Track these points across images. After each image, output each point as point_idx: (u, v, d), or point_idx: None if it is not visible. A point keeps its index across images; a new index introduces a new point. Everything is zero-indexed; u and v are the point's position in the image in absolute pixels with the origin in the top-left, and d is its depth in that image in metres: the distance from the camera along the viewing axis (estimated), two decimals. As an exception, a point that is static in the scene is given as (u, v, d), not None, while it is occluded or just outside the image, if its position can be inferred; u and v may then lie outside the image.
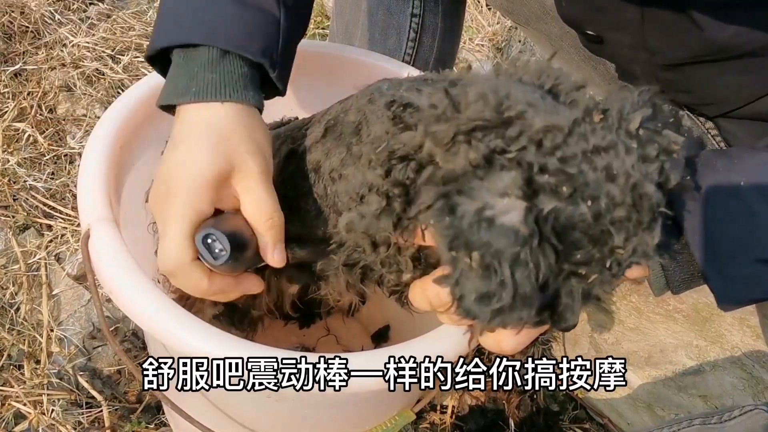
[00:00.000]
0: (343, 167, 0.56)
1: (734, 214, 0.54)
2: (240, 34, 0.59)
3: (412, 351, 0.58)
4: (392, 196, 0.47)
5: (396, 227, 0.48)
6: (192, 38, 0.58)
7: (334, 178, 0.58)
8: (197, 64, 0.58)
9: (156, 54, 0.61)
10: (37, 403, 0.94)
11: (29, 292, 1.07)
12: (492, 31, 1.86)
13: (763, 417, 0.61)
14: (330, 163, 0.58)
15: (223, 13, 0.60)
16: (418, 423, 1.01)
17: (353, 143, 0.55)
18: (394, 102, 0.51)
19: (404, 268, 0.56)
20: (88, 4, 1.70)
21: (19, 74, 1.45)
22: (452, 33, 1.08)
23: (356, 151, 0.54)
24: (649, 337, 1.06)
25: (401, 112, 0.49)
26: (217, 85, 0.57)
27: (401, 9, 1.01)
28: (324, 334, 1.05)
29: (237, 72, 0.58)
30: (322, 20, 1.81)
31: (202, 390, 0.56)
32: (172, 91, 0.58)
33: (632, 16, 0.77)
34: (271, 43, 0.62)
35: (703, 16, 0.71)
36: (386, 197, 0.47)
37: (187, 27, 0.59)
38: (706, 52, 0.76)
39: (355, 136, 0.55)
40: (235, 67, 0.59)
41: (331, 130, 0.60)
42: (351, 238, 0.56)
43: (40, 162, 1.28)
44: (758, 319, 0.99)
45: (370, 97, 0.55)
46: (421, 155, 0.45)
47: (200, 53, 0.58)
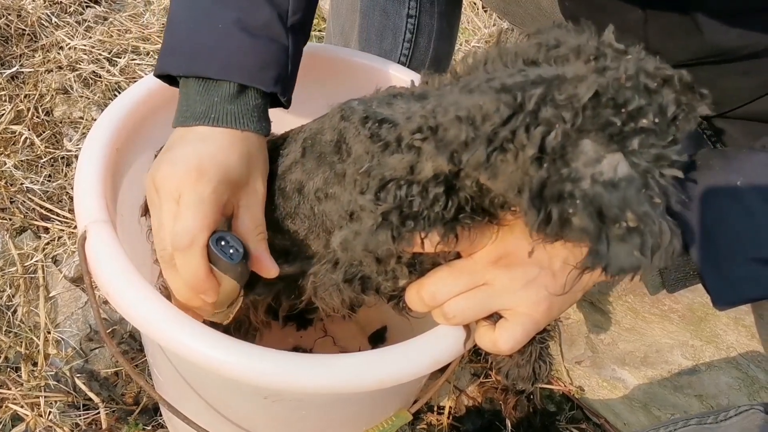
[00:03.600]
0: (328, 186, 0.57)
1: (731, 213, 0.54)
2: (254, 67, 0.62)
3: (409, 351, 0.58)
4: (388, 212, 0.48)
5: (395, 240, 0.48)
6: (209, 72, 0.61)
7: (320, 198, 0.58)
8: (217, 95, 0.61)
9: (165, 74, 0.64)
10: (34, 406, 0.93)
11: (26, 295, 1.07)
12: (488, 33, 1.86)
13: (758, 417, 0.61)
14: (314, 184, 0.58)
15: (236, 46, 0.62)
16: (415, 424, 1.01)
17: (335, 161, 0.56)
18: (368, 118, 0.51)
19: (400, 275, 0.57)
20: (84, 7, 1.70)
21: (16, 77, 1.45)
22: (448, 34, 1.08)
23: (339, 169, 0.55)
24: (645, 337, 1.07)
25: (377, 129, 0.49)
26: (237, 115, 0.60)
27: (397, 10, 1.01)
28: (321, 335, 1.06)
29: (252, 104, 0.62)
30: (319, 22, 1.81)
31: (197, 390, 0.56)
32: (190, 116, 0.61)
33: (635, 18, 0.78)
34: (282, 71, 0.64)
35: (707, 19, 0.72)
36: (382, 214, 0.48)
37: (203, 59, 0.61)
38: (708, 54, 0.76)
39: (336, 155, 0.56)
40: (251, 99, 0.62)
41: (309, 150, 0.60)
42: (347, 255, 0.56)
43: (37, 164, 1.28)
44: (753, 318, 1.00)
45: (342, 114, 0.55)
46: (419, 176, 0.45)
47: (220, 86, 0.61)
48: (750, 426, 0.60)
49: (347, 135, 0.54)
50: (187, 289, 0.58)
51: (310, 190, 0.59)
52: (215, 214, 0.57)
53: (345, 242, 0.51)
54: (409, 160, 0.45)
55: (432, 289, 0.55)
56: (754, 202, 0.54)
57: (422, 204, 0.46)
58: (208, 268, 0.56)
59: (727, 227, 0.54)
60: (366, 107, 0.52)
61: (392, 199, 0.47)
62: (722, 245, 0.54)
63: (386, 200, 0.47)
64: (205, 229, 0.55)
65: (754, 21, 0.71)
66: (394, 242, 0.48)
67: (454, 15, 1.08)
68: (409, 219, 0.47)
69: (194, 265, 0.56)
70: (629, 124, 0.40)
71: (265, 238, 0.61)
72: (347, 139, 0.54)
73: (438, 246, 0.49)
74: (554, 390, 1.09)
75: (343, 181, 0.54)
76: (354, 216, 0.52)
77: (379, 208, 0.47)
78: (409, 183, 0.46)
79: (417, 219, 0.47)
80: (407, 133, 0.46)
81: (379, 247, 0.49)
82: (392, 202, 0.47)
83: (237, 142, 0.60)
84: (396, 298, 0.61)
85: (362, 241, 0.49)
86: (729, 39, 0.72)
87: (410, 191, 0.46)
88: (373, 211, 0.48)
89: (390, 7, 1.01)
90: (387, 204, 0.47)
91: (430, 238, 0.49)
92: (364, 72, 0.89)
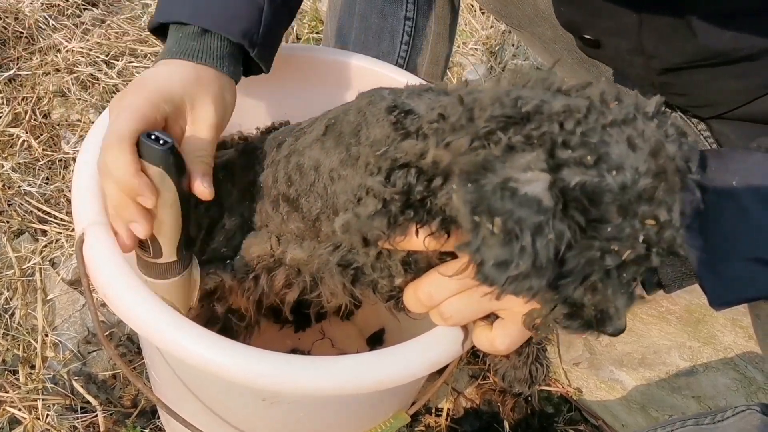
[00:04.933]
0: (343, 168, 0.57)
1: (726, 213, 0.55)
2: (221, 17, 0.69)
3: (407, 353, 0.58)
4: (390, 200, 0.48)
5: (389, 226, 0.48)
6: (182, 17, 0.68)
7: (334, 178, 0.58)
8: (182, 33, 0.68)
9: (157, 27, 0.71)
10: (32, 408, 0.93)
11: (24, 298, 1.07)
12: (485, 35, 1.87)
13: (755, 417, 0.61)
14: (330, 163, 0.58)
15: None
16: (413, 425, 1.01)
17: (352, 144, 0.56)
18: (396, 107, 0.51)
19: (395, 273, 0.57)
20: (82, 10, 1.70)
21: (14, 80, 1.45)
22: (446, 36, 1.08)
23: (354, 152, 0.55)
24: (643, 339, 1.07)
25: (403, 118, 0.50)
26: (195, 51, 0.67)
27: (394, 12, 1.01)
28: (319, 337, 1.06)
29: (215, 45, 0.68)
30: (317, 24, 1.81)
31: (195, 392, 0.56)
32: (162, 54, 0.68)
33: (630, 21, 0.78)
34: (252, 27, 0.70)
35: (701, 22, 0.72)
36: (383, 201, 0.48)
37: (178, 7, 0.69)
38: (702, 56, 0.76)
39: (353, 137, 0.56)
40: (214, 41, 0.68)
41: (331, 128, 0.60)
42: (346, 239, 0.56)
43: (35, 167, 1.28)
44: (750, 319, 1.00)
45: (370, 99, 0.56)
46: (424, 162, 0.45)
47: (187, 28, 0.68)
48: (747, 426, 0.60)
49: (369, 119, 0.54)
50: (119, 193, 0.57)
51: (326, 169, 0.59)
52: (146, 119, 0.58)
53: (346, 224, 0.51)
54: (421, 147, 0.46)
55: (429, 290, 0.55)
56: (749, 201, 0.54)
57: (425, 193, 0.47)
58: (137, 163, 0.56)
59: (722, 227, 0.54)
60: (395, 96, 0.53)
61: (401, 184, 0.47)
62: (718, 245, 0.54)
63: (395, 184, 0.47)
64: (132, 128, 0.57)
65: (747, 24, 0.71)
66: (388, 228, 0.48)
67: (451, 17, 1.08)
68: (409, 208, 0.48)
69: (122, 161, 0.55)
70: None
71: (207, 163, 0.63)
72: (369, 123, 0.54)
73: (429, 241, 0.49)
74: (552, 391, 1.09)
75: (356, 164, 0.54)
76: (361, 201, 0.52)
77: (386, 191, 0.48)
78: (419, 170, 0.47)
79: (417, 209, 0.48)
80: (425, 123, 0.47)
81: (372, 230, 0.49)
82: (400, 187, 0.47)
83: (188, 69, 0.65)
84: (393, 299, 0.61)
85: (359, 225, 0.50)
86: (723, 42, 0.73)
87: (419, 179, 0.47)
88: (380, 193, 0.48)
89: (388, 10, 1.01)
90: (394, 188, 0.47)
91: (424, 230, 0.49)
92: (362, 74, 0.89)
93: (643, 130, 0.41)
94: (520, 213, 0.39)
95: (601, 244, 0.41)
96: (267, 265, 0.69)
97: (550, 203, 0.39)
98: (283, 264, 0.68)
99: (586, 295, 0.45)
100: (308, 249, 0.64)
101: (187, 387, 0.66)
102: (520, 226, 0.39)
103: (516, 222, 0.39)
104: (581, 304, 0.45)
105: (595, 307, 0.46)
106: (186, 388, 0.67)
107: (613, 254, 0.41)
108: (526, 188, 0.39)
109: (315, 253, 0.63)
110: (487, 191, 0.40)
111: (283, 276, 0.68)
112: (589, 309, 0.46)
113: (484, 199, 0.40)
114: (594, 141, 0.40)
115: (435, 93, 0.53)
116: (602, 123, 0.41)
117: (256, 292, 0.70)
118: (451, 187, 0.42)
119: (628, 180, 0.40)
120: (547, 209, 0.39)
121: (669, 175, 0.40)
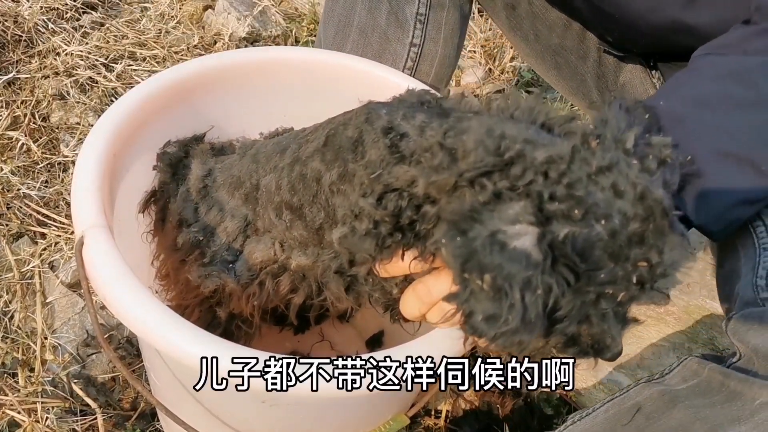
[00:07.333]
0: (341, 182, 0.57)
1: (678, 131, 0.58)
2: None
3: (406, 354, 0.58)
4: (380, 221, 0.48)
5: (376, 248, 0.49)
6: None
7: (334, 192, 0.58)
8: None
9: None
10: (31, 411, 0.93)
11: (23, 300, 1.07)
12: (484, 38, 1.87)
13: (693, 362, 0.66)
14: (330, 176, 0.59)
15: None
16: (413, 427, 1.02)
17: (349, 160, 0.56)
18: (392, 129, 0.51)
19: (388, 288, 0.57)
20: (81, 13, 1.70)
21: (13, 83, 1.45)
22: (451, 59, 1.03)
23: (351, 169, 0.55)
24: (641, 340, 1.07)
25: (398, 141, 0.50)
26: None
27: (399, 37, 0.94)
28: (318, 339, 1.06)
29: None
30: (315, 27, 1.81)
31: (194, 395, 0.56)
32: None
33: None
34: None
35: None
36: (374, 222, 0.48)
37: None
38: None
39: (351, 153, 0.56)
40: None
41: (332, 140, 0.61)
42: (342, 251, 0.57)
43: (34, 170, 1.28)
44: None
45: (367, 117, 0.56)
46: (415, 190, 0.46)
47: None
48: (688, 372, 0.66)
49: (366, 138, 0.54)
50: None
51: (326, 182, 0.60)
52: None
53: (342, 238, 0.52)
54: (413, 175, 0.46)
55: (428, 284, 0.55)
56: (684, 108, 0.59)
57: (413, 217, 0.47)
58: None
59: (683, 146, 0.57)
60: (391, 117, 0.53)
61: (392, 207, 0.48)
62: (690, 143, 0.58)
63: (386, 207, 0.48)
64: None
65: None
66: (375, 251, 0.49)
67: (459, 38, 1.02)
68: (398, 231, 0.48)
69: None
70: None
71: None
72: (365, 142, 0.54)
73: (415, 264, 0.50)
74: (551, 393, 1.09)
75: (353, 181, 0.54)
76: (357, 217, 0.53)
77: (376, 213, 0.48)
78: (410, 196, 0.47)
79: (405, 232, 0.48)
80: (419, 149, 0.47)
81: (360, 251, 0.50)
82: (390, 210, 0.48)
83: None
84: (390, 308, 0.61)
85: (350, 242, 0.50)
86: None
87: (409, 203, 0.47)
88: (371, 215, 0.48)
89: (392, 33, 0.94)
90: (385, 211, 0.48)
91: (410, 253, 0.50)
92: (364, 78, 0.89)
93: (627, 174, 0.41)
94: (510, 268, 0.39)
95: (596, 289, 0.41)
96: (271, 271, 0.69)
97: (539, 257, 0.39)
98: (287, 269, 0.68)
99: (581, 328, 0.45)
100: (312, 255, 0.65)
101: (187, 389, 0.67)
102: (509, 282, 0.39)
103: (505, 278, 0.39)
104: (578, 335, 0.46)
105: (591, 338, 0.46)
106: (185, 390, 0.67)
107: (608, 297, 0.42)
108: (515, 242, 0.39)
109: (319, 259, 0.64)
110: (476, 246, 0.40)
111: (288, 281, 0.69)
112: (585, 338, 0.46)
113: (473, 255, 0.40)
114: (580, 194, 0.40)
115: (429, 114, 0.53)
116: (587, 172, 0.41)
117: (261, 297, 0.71)
118: (439, 240, 0.42)
119: (617, 226, 0.40)
120: (536, 264, 0.39)
121: (657, 218, 0.40)
